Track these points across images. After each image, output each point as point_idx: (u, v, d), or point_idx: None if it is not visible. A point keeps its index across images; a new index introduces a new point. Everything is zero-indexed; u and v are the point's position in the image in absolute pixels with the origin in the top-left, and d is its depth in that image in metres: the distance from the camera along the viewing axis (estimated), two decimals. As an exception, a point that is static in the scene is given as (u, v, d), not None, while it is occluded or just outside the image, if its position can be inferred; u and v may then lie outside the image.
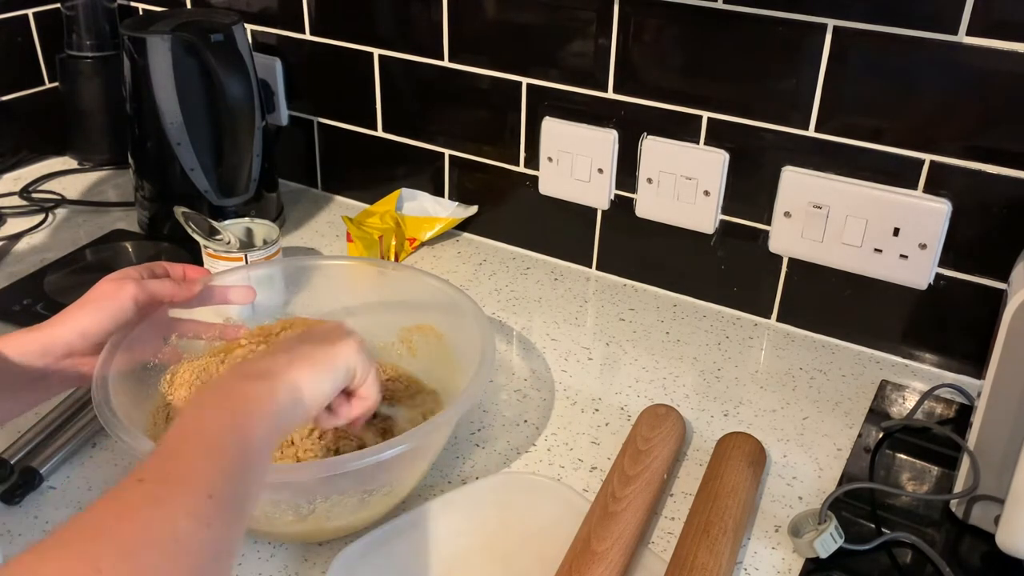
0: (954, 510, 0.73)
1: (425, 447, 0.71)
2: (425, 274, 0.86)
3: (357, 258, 1.03)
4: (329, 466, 0.64)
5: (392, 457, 0.63)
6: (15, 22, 1.29)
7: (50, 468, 0.76)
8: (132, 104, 1.08)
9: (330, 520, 0.68)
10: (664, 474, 0.74)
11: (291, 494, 0.66)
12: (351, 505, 0.68)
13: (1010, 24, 0.78)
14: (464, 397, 0.69)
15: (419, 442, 0.65)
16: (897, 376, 0.92)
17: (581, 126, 1.03)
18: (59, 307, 0.96)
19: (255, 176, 1.11)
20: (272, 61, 1.23)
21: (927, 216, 0.87)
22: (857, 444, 0.83)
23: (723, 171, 0.97)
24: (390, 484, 0.69)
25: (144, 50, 1.03)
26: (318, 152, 1.27)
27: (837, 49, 0.86)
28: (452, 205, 1.16)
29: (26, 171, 1.32)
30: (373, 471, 0.66)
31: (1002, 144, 0.82)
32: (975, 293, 0.88)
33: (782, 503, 0.76)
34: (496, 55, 1.06)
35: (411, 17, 1.10)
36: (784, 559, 0.70)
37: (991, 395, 0.67)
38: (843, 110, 0.88)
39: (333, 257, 1.10)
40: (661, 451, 0.76)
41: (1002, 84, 0.80)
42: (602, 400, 0.88)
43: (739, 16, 0.89)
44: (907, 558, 0.71)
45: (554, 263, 1.13)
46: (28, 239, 1.15)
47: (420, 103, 1.15)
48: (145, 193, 1.13)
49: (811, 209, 0.92)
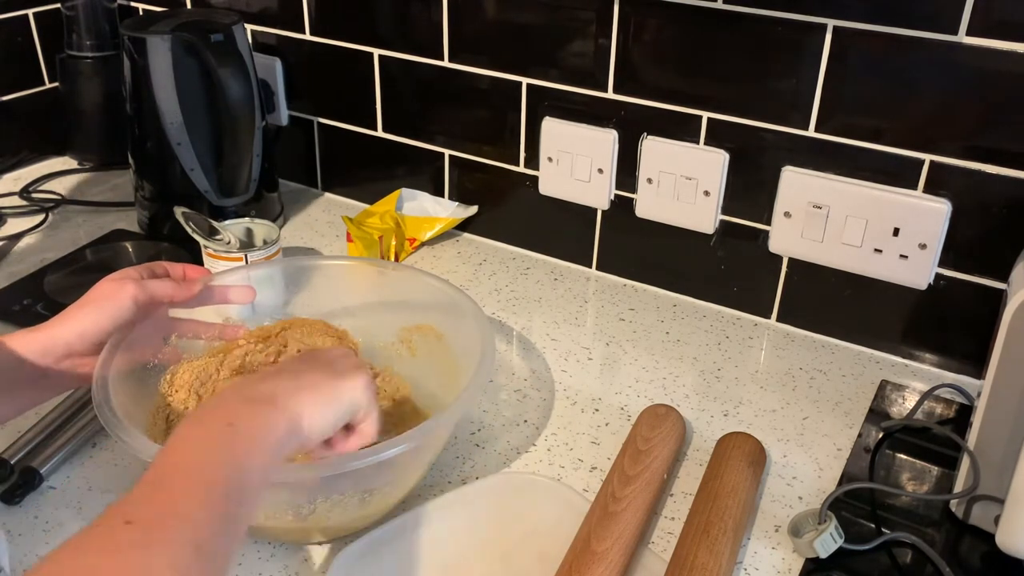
0: (954, 510, 0.73)
1: (425, 447, 0.71)
2: (425, 274, 0.86)
3: (357, 258, 1.03)
4: (330, 466, 0.64)
5: (392, 457, 0.63)
6: (15, 22, 1.29)
7: (50, 468, 0.76)
8: (132, 104, 1.08)
9: (330, 520, 0.68)
10: (664, 474, 0.74)
11: (291, 494, 0.66)
12: (352, 505, 0.67)
13: (1010, 24, 0.78)
14: (464, 397, 0.69)
15: (419, 442, 0.65)
16: (897, 376, 0.92)
17: (581, 126, 1.03)
18: (59, 307, 0.97)
19: (255, 176, 1.11)
20: (272, 61, 1.23)
21: (927, 216, 0.87)
22: (857, 444, 0.83)
23: (723, 171, 0.97)
24: (391, 484, 0.69)
25: (144, 50, 1.03)
26: (318, 152, 1.27)
27: (837, 49, 0.86)
28: (452, 205, 1.16)
29: (26, 171, 1.32)
30: (374, 471, 0.65)
31: (1002, 144, 0.82)
32: (975, 293, 0.88)
33: (782, 503, 0.76)
34: (496, 55, 1.06)
35: (411, 17, 1.10)
36: (784, 559, 0.70)
37: (991, 395, 0.67)
38: (843, 110, 0.88)
39: (333, 257, 1.10)
40: (661, 451, 0.76)
41: (1002, 84, 0.80)
42: (602, 400, 0.88)
43: (739, 16, 0.89)
44: (907, 558, 0.71)
45: (554, 263, 1.13)
46: (28, 239, 1.15)
47: (420, 103, 1.15)
48: (145, 193, 1.13)
49: (811, 209, 0.92)
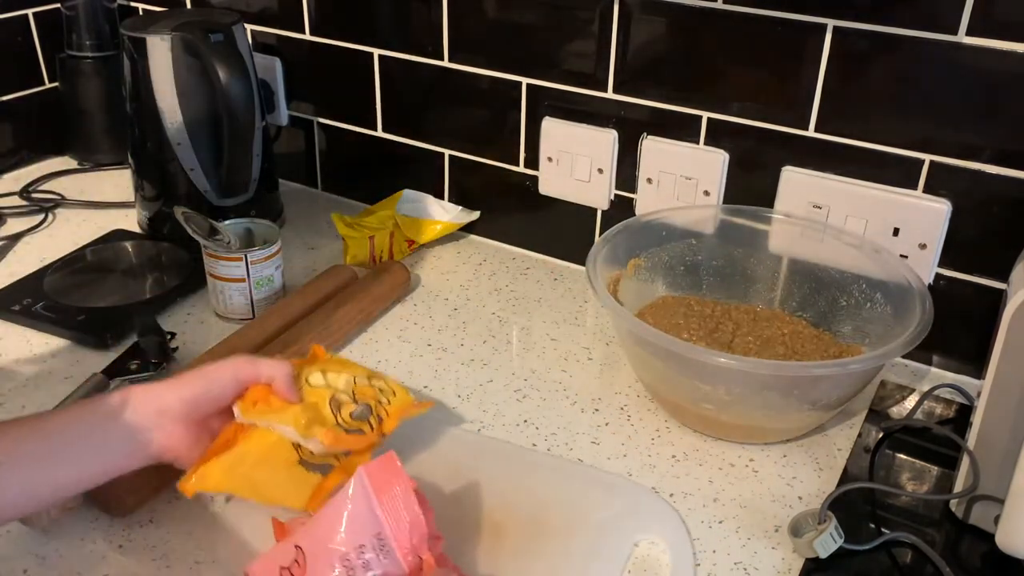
0: (954, 510, 0.73)
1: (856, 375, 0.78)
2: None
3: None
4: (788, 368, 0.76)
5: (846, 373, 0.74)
6: (15, 22, 1.29)
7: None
8: (132, 104, 1.08)
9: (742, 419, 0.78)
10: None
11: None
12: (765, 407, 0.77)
13: (1010, 24, 0.78)
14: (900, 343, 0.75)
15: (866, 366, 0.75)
16: (897, 376, 0.92)
17: (581, 126, 1.03)
18: (59, 307, 0.98)
19: (255, 176, 1.11)
20: (272, 61, 1.23)
21: (927, 216, 0.87)
22: (857, 444, 0.83)
23: (723, 171, 0.97)
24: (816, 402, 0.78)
25: (144, 50, 1.03)
26: (318, 152, 1.27)
27: (837, 49, 0.86)
28: (455, 209, 1.16)
29: (26, 171, 1.32)
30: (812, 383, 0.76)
31: (1002, 144, 0.82)
32: (975, 293, 0.88)
33: (782, 503, 0.76)
34: (496, 55, 1.06)
35: (411, 17, 1.10)
36: (784, 559, 0.70)
37: (991, 395, 0.67)
38: (843, 110, 0.88)
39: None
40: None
41: (1002, 84, 0.80)
42: (602, 400, 0.88)
43: (739, 16, 0.89)
44: (907, 558, 0.71)
45: (554, 263, 1.13)
46: (28, 239, 1.15)
47: (420, 103, 1.15)
48: (145, 193, 1.13)
49: (811, 209, 0.92)
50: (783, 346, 0.88)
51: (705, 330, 0.90)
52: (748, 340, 0.89)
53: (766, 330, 0.90)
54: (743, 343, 0.89)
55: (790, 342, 0.89)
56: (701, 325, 0.90)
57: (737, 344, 0.89)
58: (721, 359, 0.74)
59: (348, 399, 0.72)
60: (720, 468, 0.79)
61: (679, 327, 0.89)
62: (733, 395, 0.77)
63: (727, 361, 0.74)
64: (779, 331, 0.90)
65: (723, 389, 0.77)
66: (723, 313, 0.92)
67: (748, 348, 0.88)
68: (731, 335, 0.90)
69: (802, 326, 0.91)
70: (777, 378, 0.76)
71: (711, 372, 0.76)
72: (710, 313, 0.92)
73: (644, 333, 0.77)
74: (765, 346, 0.88)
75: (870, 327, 0.86)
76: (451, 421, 0.84)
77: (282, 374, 0.70)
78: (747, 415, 0.79)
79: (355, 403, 0.72)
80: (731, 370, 0.75)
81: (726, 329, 0.90)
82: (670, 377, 0.81)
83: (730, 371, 0.75)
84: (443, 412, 0.85)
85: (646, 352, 0.81)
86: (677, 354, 0.76)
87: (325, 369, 0.74)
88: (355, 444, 0.69)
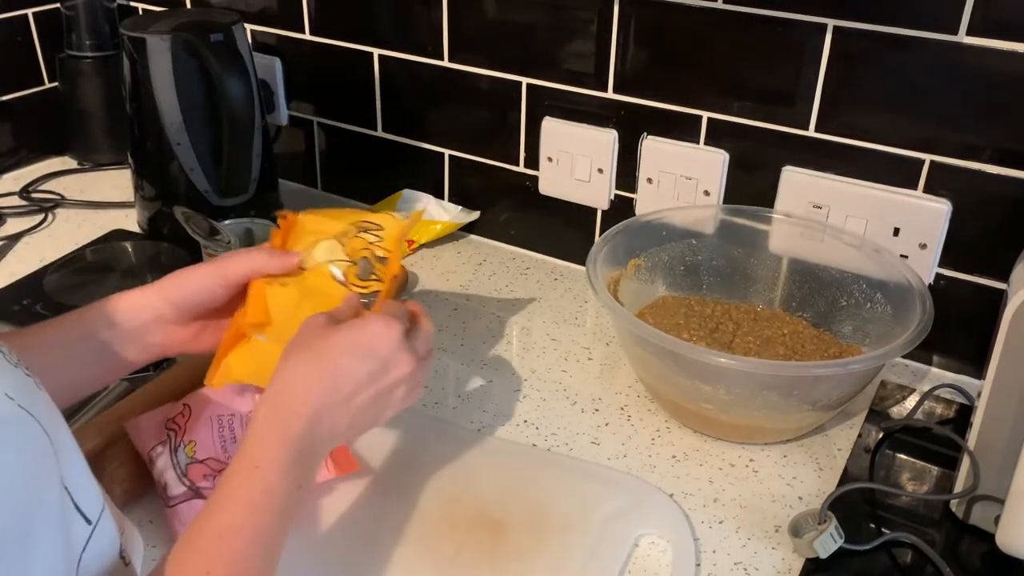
0: (954, 510, 0.73)
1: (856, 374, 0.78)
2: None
3: None
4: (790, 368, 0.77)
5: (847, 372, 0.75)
6: (15, 22, 1.29)
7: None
8: (132, 104, 1.08)
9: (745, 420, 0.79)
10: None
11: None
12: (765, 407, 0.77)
13: (1010, 24, 0.78)
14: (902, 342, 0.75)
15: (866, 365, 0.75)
16: (897, 376, 0.92)
17: (581, 126, 1.03)
18: (59, 307, 0.97)
19: (255, 176, 1.11)
20: (272, 61, 1.23)
21: (927, 216, 0.87)
22: (857, 444, 0.83)
23: (723, 171, 0.97)
24: (815, 402, 0.78)
25: (144, 50, 1.03)
26: (318, 152, 1.27)
27: (837, 49, 0.86)
28: (455, 209, 1.16)
29: (26, 171, 1.32)
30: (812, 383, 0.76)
31: (1002, 144, 0.82)
32: (975, 293, 0.88)
33: (782, 503, 0.76)
34: (496, 55, 1.06)
35: (411, 17, 1.10)
36: (784, 559, 0.70)
37: (991, 395, 0.67)
38: (843, 110, 0.88)
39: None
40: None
41: (1002, 84, 0.80)
42: (602, 400, 0.88)
43: (739, 16, 0.89)
44: (907, 558, 0.71)
45: (554, 263, 1.13)
46: (28, 239, 1.15)
47: (420, 103, 1.15)
48: (145, 193, 1.13)
49: (811, 209, 0.92)
50: (783, 346, 0.88)
51: (705, 330, 0.90)
52: (748, 340, 0.89)
53: (766, 330, 0.90)
54: (743, 343, 0.89)
55: (790, 342, 0.89)
56: (701, 325, 0.90)
57: (737, 344, 0.89)
58: (721, 359, 0.74)
59: (345, 263, 0.72)
60: (720, 468, 0.79)
61: (679, 327, 0.89)
62: (733, 395, 0.77)
63: (727, 361, 0.74)
64: (779, 331, 0.90)
65: (723, 389, 0.77)
66: (723, 313, 0.92)
67: (748, 348, 0.88)
68: (731, 335, 0.90)
69: (802, 326, 0.91)
70: (777, 378, 0.76)
71: (711, 372, 0.76)
72: (710, 313, 0.92)
73: (644, 333, 0.77)
74: (765, 346, 0.88)
75: (870, 327, 0.86)
76: (451, 421, 0.84)
77: (264, 258, 0.71)
78: (747, 415, 0.79)
79: (353, 263, 0.72)
80: (731, 370, 0.75)
81: (726, 329, 0.90)
82: (670, 377, 0.81)
83: (730, 371, 0.75)
84: (443, 412, 0.85)
85: (646, 352, 0.81)
86: (677, 354, 0.76)
87: (307, 245, 0.74)
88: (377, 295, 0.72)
